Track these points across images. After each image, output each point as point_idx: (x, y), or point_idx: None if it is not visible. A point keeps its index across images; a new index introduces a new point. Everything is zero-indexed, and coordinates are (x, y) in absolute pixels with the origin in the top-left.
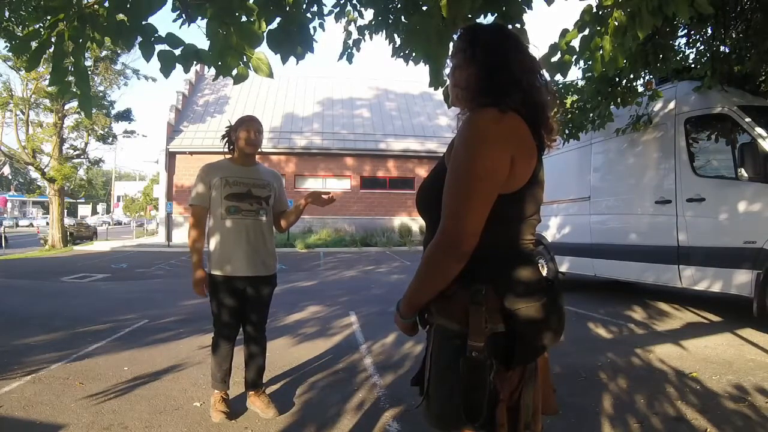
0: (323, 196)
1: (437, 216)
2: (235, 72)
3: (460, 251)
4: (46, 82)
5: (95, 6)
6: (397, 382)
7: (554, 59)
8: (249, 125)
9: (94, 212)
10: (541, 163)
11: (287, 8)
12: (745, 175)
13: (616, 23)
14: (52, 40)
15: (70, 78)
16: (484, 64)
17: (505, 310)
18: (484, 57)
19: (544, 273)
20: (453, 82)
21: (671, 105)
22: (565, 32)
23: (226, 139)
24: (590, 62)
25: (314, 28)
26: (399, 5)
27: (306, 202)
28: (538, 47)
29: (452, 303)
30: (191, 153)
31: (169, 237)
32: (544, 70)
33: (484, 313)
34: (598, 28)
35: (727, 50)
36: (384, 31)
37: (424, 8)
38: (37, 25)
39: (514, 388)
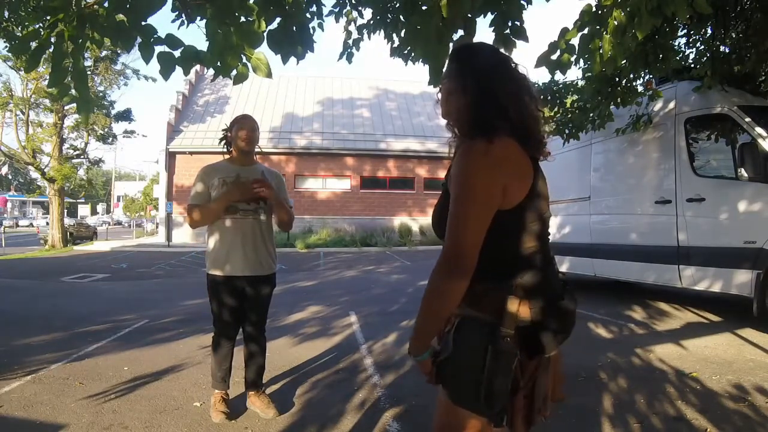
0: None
1: None
2: (234, 72)
3: (461, 264)
4: (46, 82)
5: (95, 6)
6: (398, 382)
7: (553, 57)
8: (243, 123)
9: (94, 212)
10: (540, 175)
11: (287, 8)
12: (745, 175)
13: (616, 23)
14: (52, 40)
15: (69, 79)
16: (474, 97)
17: (529, 306)
18: (474, 89)
19: None
20: (446, 109)
21: (671, 105)
22: (564, 31)
23: (223, 141)
24: (590, 62)
25: (314, 28)
26: (397, 5)
27: (263, 195)
28: (533, 44)
29: (486, 297)
30: (191, 153)
31: (169, 237)
32: (533, 87)
33: (518, 305)
34: (598, 27)
35: (727, 50)
36: (382, 30)
37: (424, 8)
38: (37, 26)
39: (529, 377)
